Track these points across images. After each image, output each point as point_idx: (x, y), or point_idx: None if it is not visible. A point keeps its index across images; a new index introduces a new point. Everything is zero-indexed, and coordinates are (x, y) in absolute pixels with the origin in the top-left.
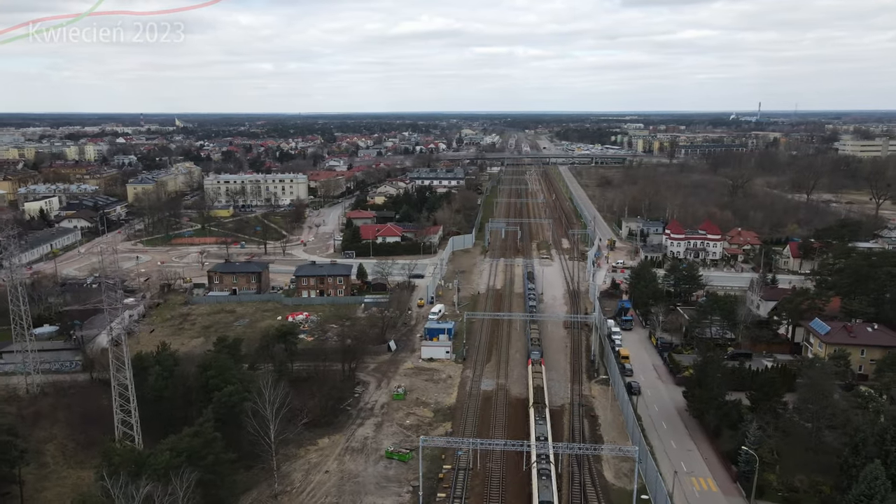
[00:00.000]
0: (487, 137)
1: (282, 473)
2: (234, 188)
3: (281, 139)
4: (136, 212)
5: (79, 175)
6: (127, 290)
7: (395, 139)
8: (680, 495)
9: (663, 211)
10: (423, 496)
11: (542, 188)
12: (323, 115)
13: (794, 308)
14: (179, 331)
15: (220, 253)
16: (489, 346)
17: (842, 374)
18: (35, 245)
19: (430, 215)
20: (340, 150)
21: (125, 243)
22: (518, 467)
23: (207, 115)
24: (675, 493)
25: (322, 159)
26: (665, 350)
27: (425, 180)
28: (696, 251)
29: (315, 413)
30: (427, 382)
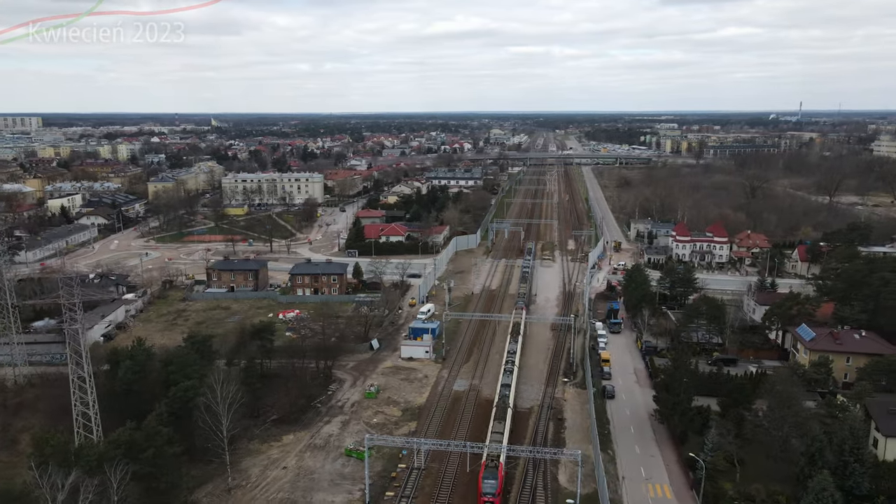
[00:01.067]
0: (515, 137)
1: (241, 468)
2: (251, 187)
3: (310, 139)
4: (153, 209)
5: (104, 173)
6: (129, 287)
7: (421, 139)
8: (634, 501)
9: (676, 213)
10: (374, 494)
11: (560, 189)
12: (357, 115)
13: (783, 313)
14: (172, 326)
15: (226, 251)
16: (471, 347)
17: (822, 382)
18: (51, 241)
19: (438, 215)
20: (365, 150)
21: (138, 240)
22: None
23: (245, 114)
24: (626, 499)
25: (345, 159)
26: (649, 354)
27: (442, 180)
28: (701, 254)
29: (284, 410)
30: (402, 381)
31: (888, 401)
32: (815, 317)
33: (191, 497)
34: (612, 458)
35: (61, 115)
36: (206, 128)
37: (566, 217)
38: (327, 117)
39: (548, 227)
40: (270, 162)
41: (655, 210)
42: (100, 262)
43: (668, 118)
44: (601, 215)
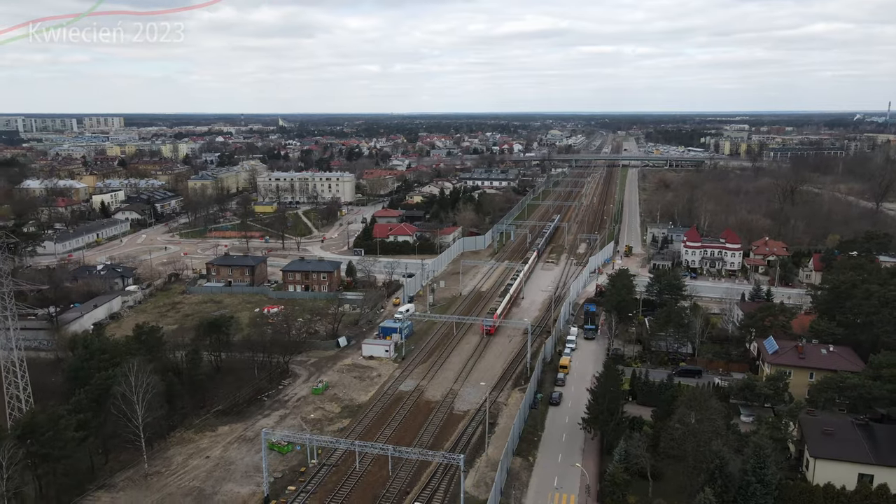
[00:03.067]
0: (571, 139)
1: (167, 456)
2: (283, 185)
3: (367, 138)
4: (189, 206)
5: (154, 171)
6: (135, 279)
7: (475, 139)
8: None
9: (704, 217)
10: (278, 488)
11: (595, 191)
12: (423, 115)
13: (755, 324)
14: (162, 317)
15: (242, 246)
16: (434, 349)
17: (775, 397)
18: (82, 234)
19: (453, 216)
20: (415, 150)
21: (165, 235)
22: (384, 466)
23: (314, 115)
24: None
25: (389, 158)
26: (615, 361)
27: (476, 181)
28: (711, 260)
29: (229, 402)
30: (354, 379)
31: (824, 420)
32: (790, 329)
33: (109, 481)
34: (530, 465)
35: (144, 116)
36: (272, 128)
37: (589, 220)
38: (392, 117)
39: (564, 231)
40: (314, 161)
41: (678, 214)
42: (121, 255)
43: (743, 118)
44: (627, 219)
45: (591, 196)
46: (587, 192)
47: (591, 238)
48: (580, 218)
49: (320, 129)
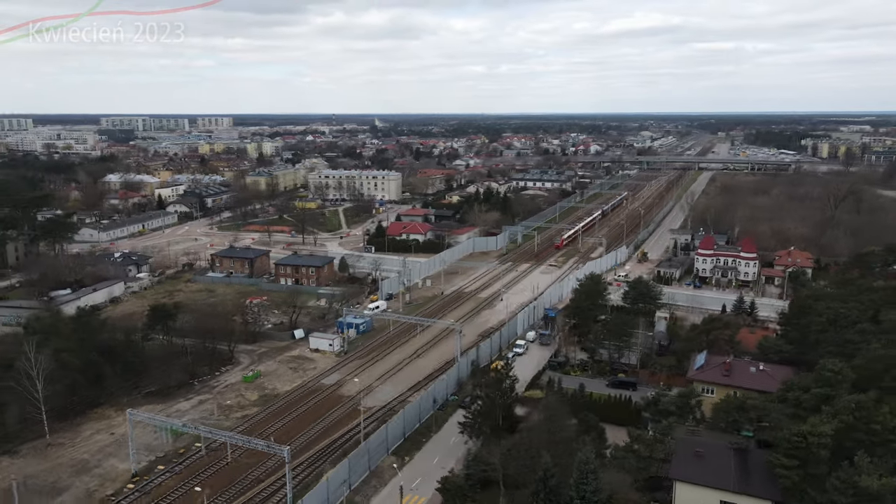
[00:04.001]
0: (659, 140)
1: (80, 430)
2: (332, 183)
3: (450, 138)
4: (235, 201)
5: (222, 168)
6: (150, 267)
7: (555, 140)
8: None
9: (748, 223)
10: (149, 465)
11: (651, 195)
12: (523, 116)
13: (695, 337)
14: (156, 302)
15: (275, 239)
16: (379, 347)
17: (683, 415)
18: (128, 224)
19: (476, 216)
20: (487, 151)
21: (205, 227)
22: (254, 455)
23: (415, 115)
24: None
25: (456, 158)
26: (553, 369)
27: (528, 181)
28: (723, 270)
29: (161, 384)
30: (289, 370)
31: (698, 442)
32: (736, 343)
33: (14, 448)
34: (402, 464)
35: (254, 116)
36: (365, 127)
37: (626, 224)
38: (488, 118)
39: (591, 233)
40: (385, 160)
41: (710, 220)
42: (152, 245)
43: (867, 119)
44: (668, 224)
45: (644, 200)
46: (643, 195)
47: (611, 244)
48: (616, 222)
49: (413, 128)
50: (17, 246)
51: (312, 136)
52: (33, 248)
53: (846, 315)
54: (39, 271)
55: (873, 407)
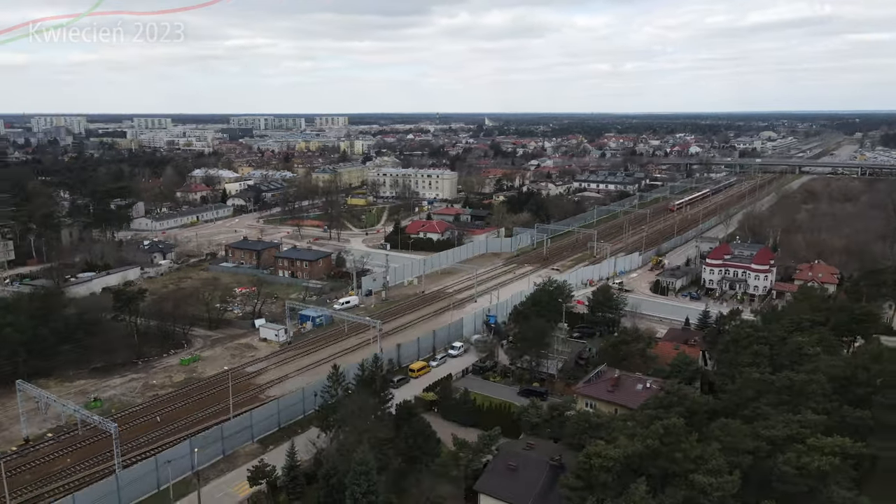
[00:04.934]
0: (778, 141)
1: (12, 397)
2: (388, 181)
3: (549, 138)
4: (290, 196)
5: (297, 164)
6: (177, 255)
7: (657, 140)
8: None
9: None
10: (42, 433)
11: (723, 200)
12: (643, 115)
13: (607, 350)
14: (163, 287)
15: (305, 234)
16: (322, 340)
17: (553, 429)
18: (183, 215)
19: (503, 217)
20: (577, 151)
21: (253, 220)
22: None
23: (533, 114)
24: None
25: (535, 157)
26: (476, 373)
27: (588, 183)
28: (731, 282)
29: (108, 361)
30: (229, 356)
31: (516, 455)
32: (653, 358)
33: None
34: (263, 453)
35: (370, 115)
36: (471, 126)
37: (666, 230)
38: (604, 117)
39: (616, 238)
40: (461, 159)
41: (747, 230)
42: (197, 235)
43: None
44: (714, 232)
45: (709, 205)
46: (714, 200)
47: (629, 247)
48: (658, 228)
49: (521, 127)
50: (71, 231)
51: (414, 134)
52: (87, 233)
53: (750, 336)
54: (78, 255)
55: (682, 434)
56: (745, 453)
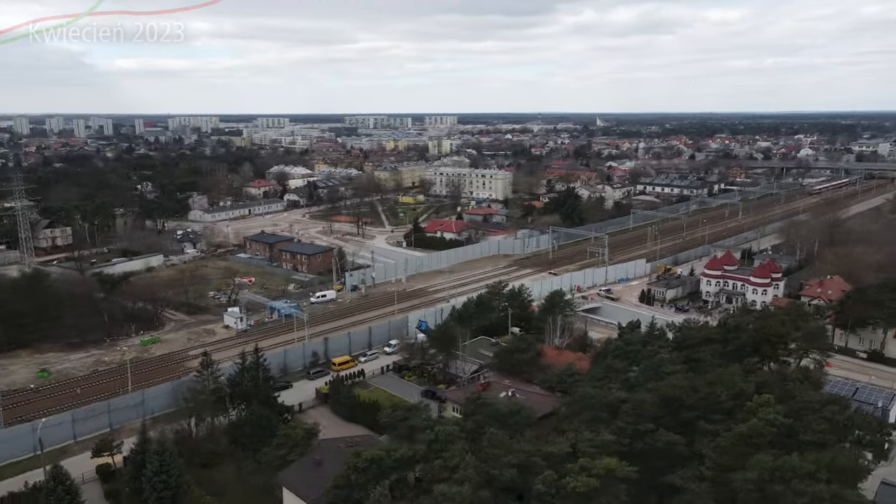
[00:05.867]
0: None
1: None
2: (444, 180)
3: (656, 139)
4: (360, 193)
5: (369, 162)
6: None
7: (766, 143)
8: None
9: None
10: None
11: (791, 210)
12: (781, 115)
13: (501, 354)
14: (181, 273)
15: (336, 229)
16: (276, 330)
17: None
18: (236, 208)
19: (532, 219)
20: (671, 153)
21: (298, 215)
22: None
23: (655, 114)
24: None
25: (616, 159)
26: (395, 371)
27: (650, 186)
28: (729, 295)
29: (82, 338)
30: (188, 339)
31: (326, 450)
32: (545, 366)
33: None
34: (150, 428)
35: (481, 115)
36: (577, 127)
37: (706, 238)
38: (735, 117)
39: (640, 245)
40: (543, 158)
41: (791, 238)
42: (241, 227)
43: None
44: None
45: (768, 214)
46: (784, 208)
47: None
48: (698, 235)
49: (631, 129)
50: (125, 220)
51: (513, 134)
52: (139, 223)
53: (619, 349)
54: (122, 242)
55: (453, 441)
56: (510, 467)
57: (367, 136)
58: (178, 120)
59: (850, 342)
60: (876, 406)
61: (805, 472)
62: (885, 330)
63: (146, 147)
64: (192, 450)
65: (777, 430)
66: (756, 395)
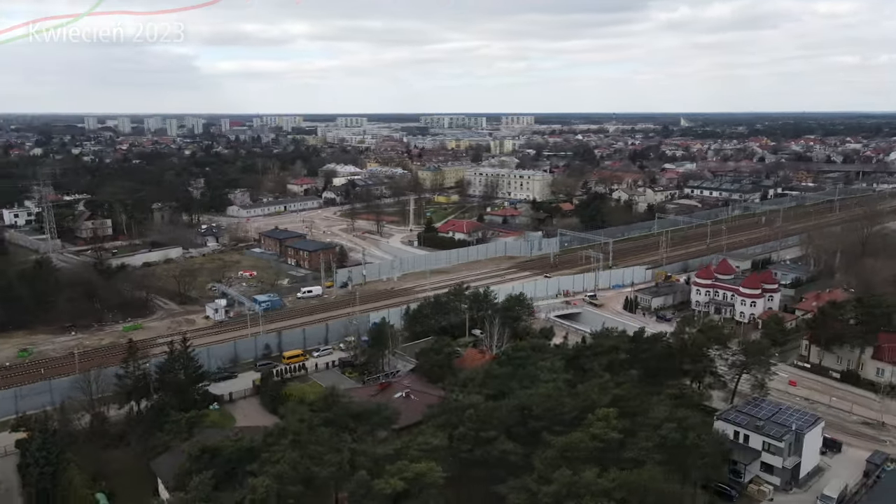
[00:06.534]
0: None
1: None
2: (483, 181)
3: (730, 140)
4: (395, 192)
5: (418, 162)
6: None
7: (858, 144)
8: None
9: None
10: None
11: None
12: (888, 115)
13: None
14: (196, 265)
15: (358, 227)
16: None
17: None
18: (272, 205)
19: (553, 221)
20: (743, 155)
21: (330, 213)
22: None
23: (751, 114)
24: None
25: (682, 161)
26: (341, 367)
27: (696, 189)
28: (718, 305)
29: (75, 321)
30: (168, 327)
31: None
32: (453, 369)
33: None
34: None
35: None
36: (657, 127)
37: (728, 246)
38: (836, 116)
39: (653, 251)
40: (589, 160)
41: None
42: (270, 223)
43: None
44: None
45: (807, 222)
46: (833, 216)
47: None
48: (716, 242)
49: (714, 129)
50: (163, 214)
51: (582, 134)
52: (176, 217)
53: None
54: (155, 235)
55: (282, 436)
56: (329, 465)
57: (435, 135)
58: (265, 119)
59: (825, 360)
60: (789, 429)
61: (599, 489)
62: (861, 349)
63: (225, 145)
64: (101, 432)
65: (605, 445)
66: (604, 408)
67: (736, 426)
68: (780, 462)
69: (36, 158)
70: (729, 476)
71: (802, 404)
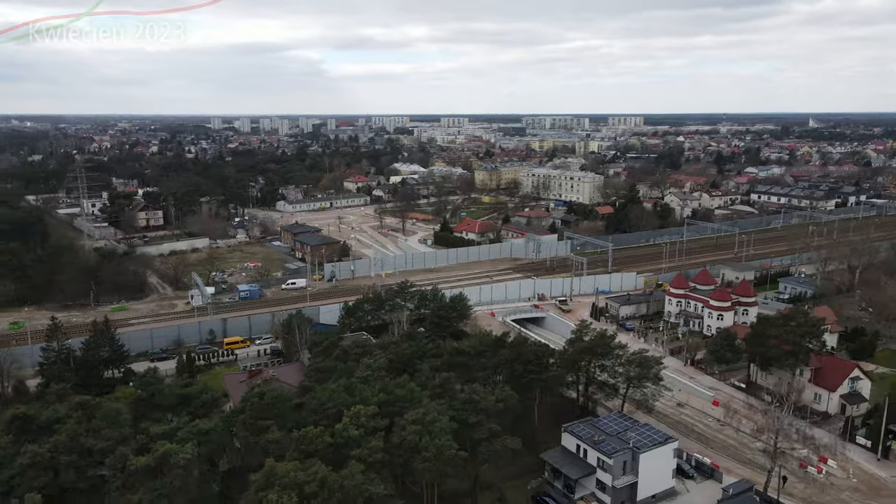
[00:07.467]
0: None
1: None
2: (533, 181)
3: (859, 143)
4: (447, 191)
5: (479, 162)
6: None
7: None
8: None
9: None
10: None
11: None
12: None
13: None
14: (215, 250)
15: (385, 224)
16: (227, 307)
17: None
18: (319, 201)
19: (576, 224)
20: (855, 160)
21: (370, 210)
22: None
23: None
24: None
25: (755, 164)
26: (271, 358)
27: (769, 196)
28: (688, 317)
29: (71, 298)
30: (152, 309)
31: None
32: None
33: None
34: None
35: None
36: (773, 129)
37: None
38: None
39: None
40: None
41: (822, 261)
42: (308, 219)
43: None
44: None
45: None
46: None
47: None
48: (744, 252)
49: (840, 131)
50: (210, 207)
51: (684, 136)
52: (223, 210)
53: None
54: (193, 227)
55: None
56: (106, 440)
57: (534, 135)
58: (373, 120)
59: (767, 381)
60: (627, 446)
61: (290, 482)
62: (793, 370)
63: (323, 144)
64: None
65: (343, 442)
66: (358, 406)
67: (578, 439)
68: (611, 480)
69: (140, 155)
70: (562, 490)
71: (714, 426)
